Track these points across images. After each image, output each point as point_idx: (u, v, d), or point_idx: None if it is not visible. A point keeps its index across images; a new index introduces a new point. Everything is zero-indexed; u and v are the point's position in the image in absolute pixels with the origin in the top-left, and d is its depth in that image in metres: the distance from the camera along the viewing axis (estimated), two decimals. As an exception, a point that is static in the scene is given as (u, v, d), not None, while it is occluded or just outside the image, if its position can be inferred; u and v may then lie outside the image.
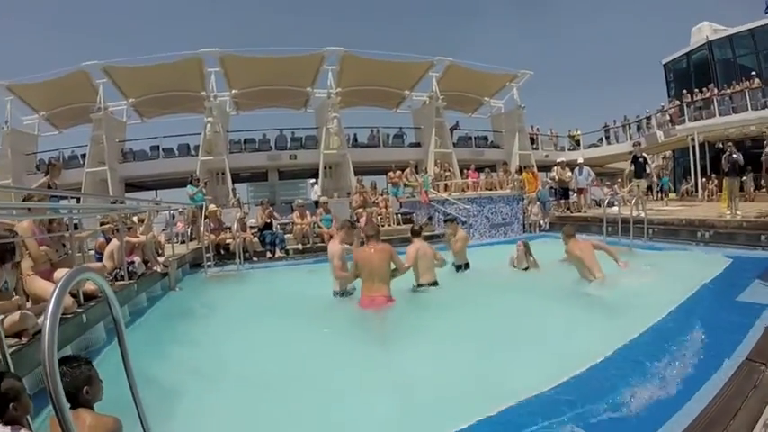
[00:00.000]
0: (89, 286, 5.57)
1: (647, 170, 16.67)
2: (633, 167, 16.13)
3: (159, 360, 4.98)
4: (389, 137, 26.12)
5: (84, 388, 2.71)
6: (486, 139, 28.65)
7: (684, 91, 26.49)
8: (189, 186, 14.78)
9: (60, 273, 5.16)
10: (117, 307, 2.11)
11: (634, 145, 18.23)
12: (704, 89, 25.50)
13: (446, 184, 19.14)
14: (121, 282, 7.28)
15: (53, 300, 1.55)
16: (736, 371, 3.68)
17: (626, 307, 6.45)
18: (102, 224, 9.33)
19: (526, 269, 9.72)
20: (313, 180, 22.05)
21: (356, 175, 19.87)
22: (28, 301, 4.80)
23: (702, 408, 3.19)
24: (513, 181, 18.79)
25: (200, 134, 21.65)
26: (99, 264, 7.40)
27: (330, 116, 22.22)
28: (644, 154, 16.75)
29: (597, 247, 8.37)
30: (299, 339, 5.82)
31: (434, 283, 7.74)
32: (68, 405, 1.56)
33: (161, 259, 9.40)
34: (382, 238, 7.88)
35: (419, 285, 7.70)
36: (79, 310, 5.24)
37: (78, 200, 12.66)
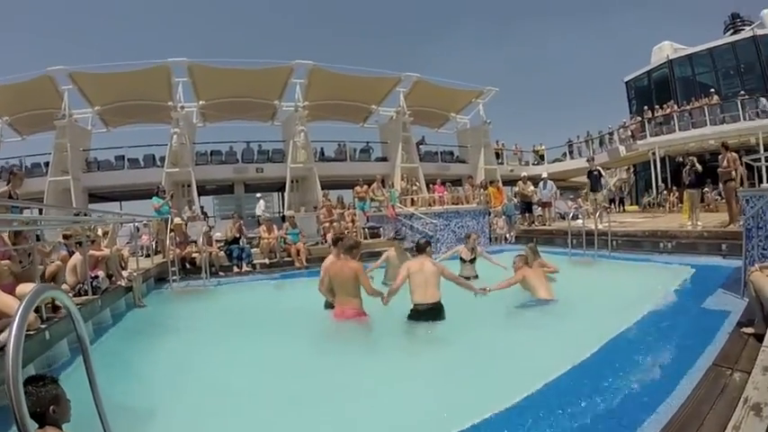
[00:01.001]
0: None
1: (603, 183, 17.28)
2: (589, 181, 16.62)
3: (125, 378, 4.92)
4: (356, 151, 26.23)
5: (51, 407, 2.69)
6: (452, 153, 29.00)
7: (646, 107, 27.52)
8: (155, 198, 14.52)
9: (25, 288, 5.07)
10: (82, 325, 2.11)
11: (588, 160, 18.76)
12: (665, 105, 26.47)
13: (413, 199, 19.28)
14: (85, 297, 7.16)
15: (18, 317, 1.52)
16: (704, 376, 3.79)
17: (594, 316, 6.61)
18: (64, 236, 9.17)
19: (473, 260, 10.10)
20: (259, 195, 21.80)
21: (323, 188, 19.80)
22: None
23: (673, 412, 3.28)
24: (479, 195, 19.04)
25: (166, 145, 21.28)
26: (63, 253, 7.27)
27: (297, 129, 22.19)
28: (598, 168, 17.28)
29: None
30: (268, 354, 5.82)
31: (434, 306, 6.65)
32: (35, 426, 1.55)
33: (125, 273, 9.23)
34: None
35: (414, 305, 6.70)
36: (42, 326, 5.14)
37: (41, 211, 12.45)
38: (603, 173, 17.99)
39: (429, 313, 6.61)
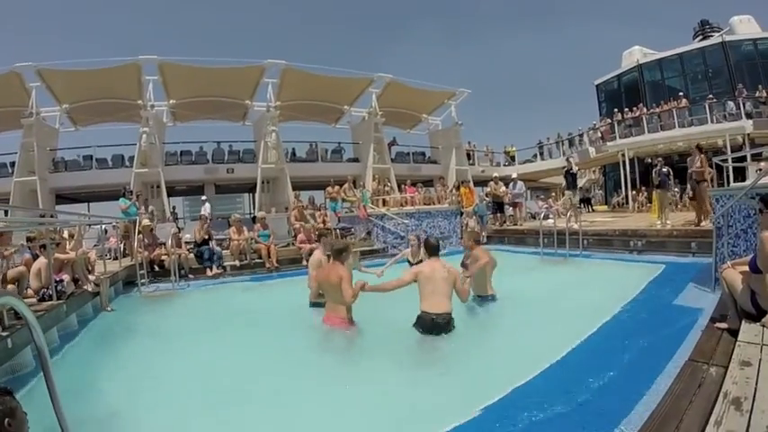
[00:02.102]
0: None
1: (577, 183, 17.55)
2: (566, 181, 16.82)
3: (91, 387, 4.79)
4: (328, 152, 26.16)
5: (6, 420, 2.57)
6: (423, 154, 29.13)
7: (615, 110, 28.00)
8: (122, 199, 14.33)
9: (-17, 295, 4.93)
10: (40, 334, 2.03)
11: (567, 159, 18.96)
12: (634, 108, 27.03)
13: (384, 199, 19.26)
14: (49, 302, 6.98)
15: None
16: (681, 371, 3.83)
17: (568, 315, 6.65)
18: (28, 239, 8.95)
19: (420, 262, 9.94)
20: (204, 197, 21.43)
21: (294, 189, 19.65)
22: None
23: (653, 408, 3.28)
24: (450, 196, 19.12)
25: (135, 145, 20.87)
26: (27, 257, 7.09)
27: (269, 129, 22.07)
28: (576, 168, 17.50)
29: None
30: (239, 359, 5.69)
31: (442, 317, 5.88)
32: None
33: (92, 277, 9.01)
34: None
35: (422, 312, 5.97)
36: (4, 333, 5.02)
37: (6, 212, 12.18)
38: (578, 173, 18.29)
39: (436, 324, 5.83)
